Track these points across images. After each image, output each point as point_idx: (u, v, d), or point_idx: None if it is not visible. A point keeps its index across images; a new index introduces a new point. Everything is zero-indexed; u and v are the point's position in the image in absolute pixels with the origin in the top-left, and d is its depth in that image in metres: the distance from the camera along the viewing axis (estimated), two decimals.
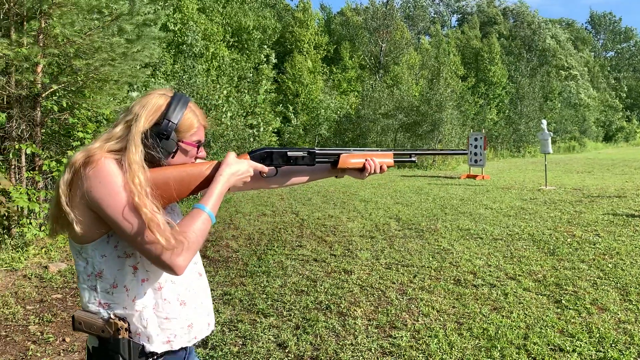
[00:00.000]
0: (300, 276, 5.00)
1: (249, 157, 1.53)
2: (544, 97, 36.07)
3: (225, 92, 14.23)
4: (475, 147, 15.47)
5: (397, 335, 3.58)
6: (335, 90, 23.47)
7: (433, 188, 12.47)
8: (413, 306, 4.14)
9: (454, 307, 4.12)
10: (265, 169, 1.54)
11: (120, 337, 1.28)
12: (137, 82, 7.90)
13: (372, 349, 3.39)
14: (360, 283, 4.75)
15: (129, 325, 1.30)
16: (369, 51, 27.52)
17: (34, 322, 3.93)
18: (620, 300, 4.22)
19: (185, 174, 1.39)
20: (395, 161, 1.71)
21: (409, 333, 3.61)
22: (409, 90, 23.64)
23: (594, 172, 17.21)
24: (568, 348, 3.33)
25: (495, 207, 9.11)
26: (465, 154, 1.90)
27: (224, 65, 17.79)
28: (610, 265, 5.24)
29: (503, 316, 3.89)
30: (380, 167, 1.68)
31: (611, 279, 4.78)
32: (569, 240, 6.39)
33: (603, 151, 37.59)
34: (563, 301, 4.20)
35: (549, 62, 43.13)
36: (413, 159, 1.77)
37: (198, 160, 1.49)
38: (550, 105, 37.20)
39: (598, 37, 69.46)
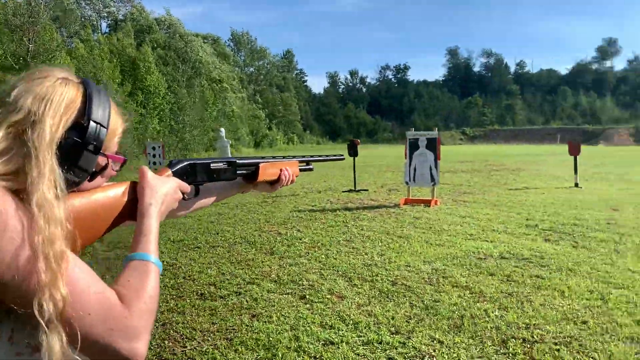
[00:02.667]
0: None
1: (170, 172, 1.08)
2: (204, 107, 37.97)
3: None
4: (154, 155, 15.14)
5: None
6: None
7: None
8: (172, 331, 3.73)
9: (213, 323, 3.88)
10: (187, 187, 1.11)
11: None
12: None
13: None
14: None
15: None
16: (12, 51, 23.79)
17: None
18: (349, 286, 4.72)
19: (98, 205, 0.90)
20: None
21: None
22: None
23: None
24: (336, 340, 3.52)
25: (195, 216, 9.06)
26: (343, 159, 1.81)
27: None
28: (323, 256, 5.82)
29: (265, 322, 3.86)
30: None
31: (331, 268, 5.31)
32: (278, 238, 6.83)
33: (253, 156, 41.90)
34: (307, 296, 4.43)
35: (202, 74, 45.59)
36: (311, 166, 1.60)
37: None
38: (207, 115, 39.38)
39: (239, 54, 77.18)
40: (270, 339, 3.54)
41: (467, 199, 10.29)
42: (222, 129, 13.52)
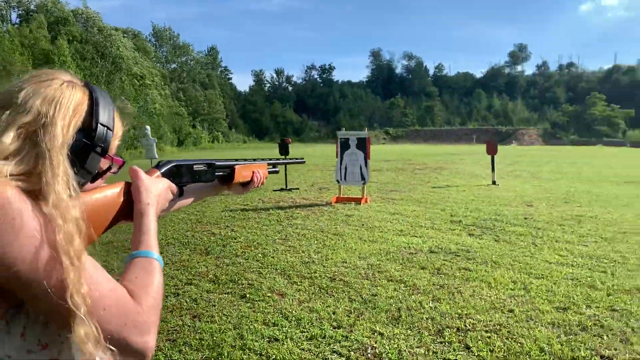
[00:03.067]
0: None
1: (159, 173, 1.11)
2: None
3: None
4: None
5: None
6: None
7: None
8: None
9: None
10: (175, 188, 1.14)
11: None
12: None
13: None
14: None
15: None
16: None
17: None
18: (288, 283, 4.78)
19: (99, 205, 0.91)
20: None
21: None
22: None
23: None
24: (280, 336, 3.57)
25: None
26: (304, 162, 1.90)
27: None
28: (260, 255, 5.83)
29: (208, 322, 3.84)
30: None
31: (269, 267, 5.34)
32: (212, 238, 6.76)
33: (177, 155, 40.92)
34: (247, 295, 4.45)
35: (122, 69, 43.87)
36: (277, 169, 1.63)
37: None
38: (130, 111, 37.98)
39: (161, 49, 74.86)
40: (215, 338, 3.54)
41: (394, 197, 10.64)
42: (148, 127, 13.15)
